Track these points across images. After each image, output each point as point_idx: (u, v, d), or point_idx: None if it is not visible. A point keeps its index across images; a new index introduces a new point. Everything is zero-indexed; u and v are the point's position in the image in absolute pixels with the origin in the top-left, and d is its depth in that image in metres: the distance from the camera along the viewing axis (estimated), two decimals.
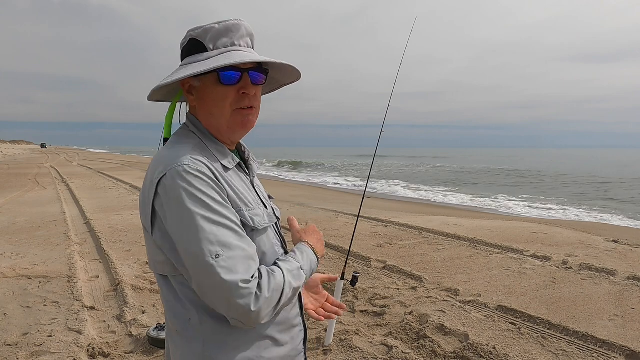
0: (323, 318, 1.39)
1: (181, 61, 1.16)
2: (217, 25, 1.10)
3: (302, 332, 1.24)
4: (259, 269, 1.01)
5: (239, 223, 1.04)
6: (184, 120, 1.22)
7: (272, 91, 1.35)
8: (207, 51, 1.10)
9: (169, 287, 1.10)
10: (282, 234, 1.27)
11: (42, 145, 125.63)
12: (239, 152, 1.27)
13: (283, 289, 1.01)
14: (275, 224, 1.24)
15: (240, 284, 0.95)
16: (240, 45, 1.12)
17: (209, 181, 1.02)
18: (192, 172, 1.01)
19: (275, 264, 1.08)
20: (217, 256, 0.95)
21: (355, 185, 22.83)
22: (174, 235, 1.01)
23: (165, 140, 1.20)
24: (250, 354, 1.09)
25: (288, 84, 1.31)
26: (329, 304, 1.43)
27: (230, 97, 1.10)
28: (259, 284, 0.98)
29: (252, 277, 0.97)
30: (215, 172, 1.06)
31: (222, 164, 1.12)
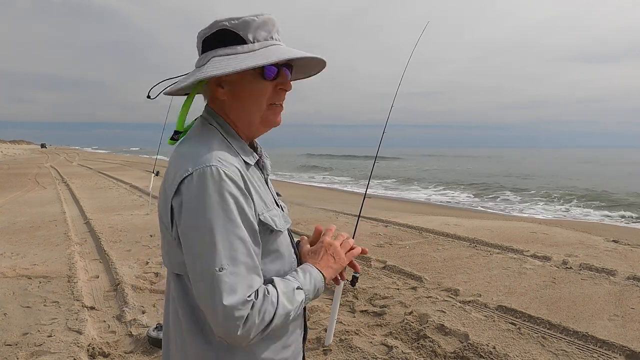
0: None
1: (202, 51, 1.11)
2: (256, 19, 1.06)
3: (302, 331, 1.25)
4: (257, 290, 0.97)
5: (256, 234, 1.02)
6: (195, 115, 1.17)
7: None
8: (246, 43, 1.06)
9: (183, 286, 1.08)
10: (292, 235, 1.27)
11: (42, 145, 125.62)
12: (253, 149, 1.22)
13: (275, 313, 0.97)
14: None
15: (234, 308, 0.92)
16: (276, 39, 1.10)
17: (236, 189, 0.99)
18: (222, 177, 0.98)
19: (272, 281, 1.03)
20: (222, 269, 0.94)
21: (354, 186, 22.83)
22: (184, 235, 0.99)
23: (176, 133, 1.13)
24: (265, 356, 1.09)
25: (300, 79, 1.28)
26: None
27: (268, 93, 1.09)
28: (252, 306, 0.94)
29: (249, 297, 0.94)
30: (244, 176, 1.03)
31: (245, 161, 1.10)
